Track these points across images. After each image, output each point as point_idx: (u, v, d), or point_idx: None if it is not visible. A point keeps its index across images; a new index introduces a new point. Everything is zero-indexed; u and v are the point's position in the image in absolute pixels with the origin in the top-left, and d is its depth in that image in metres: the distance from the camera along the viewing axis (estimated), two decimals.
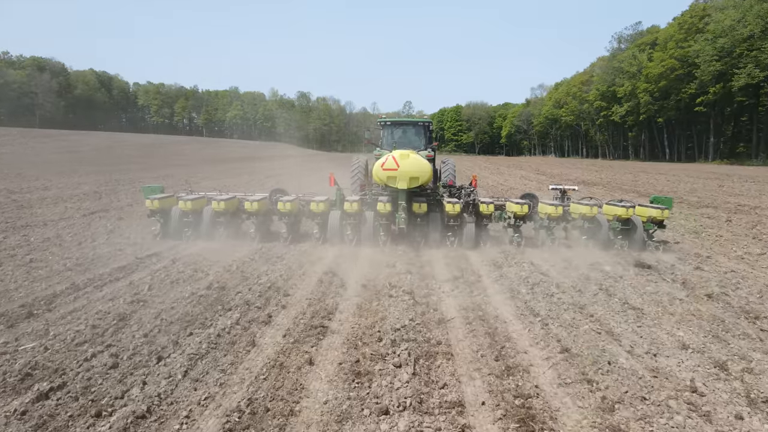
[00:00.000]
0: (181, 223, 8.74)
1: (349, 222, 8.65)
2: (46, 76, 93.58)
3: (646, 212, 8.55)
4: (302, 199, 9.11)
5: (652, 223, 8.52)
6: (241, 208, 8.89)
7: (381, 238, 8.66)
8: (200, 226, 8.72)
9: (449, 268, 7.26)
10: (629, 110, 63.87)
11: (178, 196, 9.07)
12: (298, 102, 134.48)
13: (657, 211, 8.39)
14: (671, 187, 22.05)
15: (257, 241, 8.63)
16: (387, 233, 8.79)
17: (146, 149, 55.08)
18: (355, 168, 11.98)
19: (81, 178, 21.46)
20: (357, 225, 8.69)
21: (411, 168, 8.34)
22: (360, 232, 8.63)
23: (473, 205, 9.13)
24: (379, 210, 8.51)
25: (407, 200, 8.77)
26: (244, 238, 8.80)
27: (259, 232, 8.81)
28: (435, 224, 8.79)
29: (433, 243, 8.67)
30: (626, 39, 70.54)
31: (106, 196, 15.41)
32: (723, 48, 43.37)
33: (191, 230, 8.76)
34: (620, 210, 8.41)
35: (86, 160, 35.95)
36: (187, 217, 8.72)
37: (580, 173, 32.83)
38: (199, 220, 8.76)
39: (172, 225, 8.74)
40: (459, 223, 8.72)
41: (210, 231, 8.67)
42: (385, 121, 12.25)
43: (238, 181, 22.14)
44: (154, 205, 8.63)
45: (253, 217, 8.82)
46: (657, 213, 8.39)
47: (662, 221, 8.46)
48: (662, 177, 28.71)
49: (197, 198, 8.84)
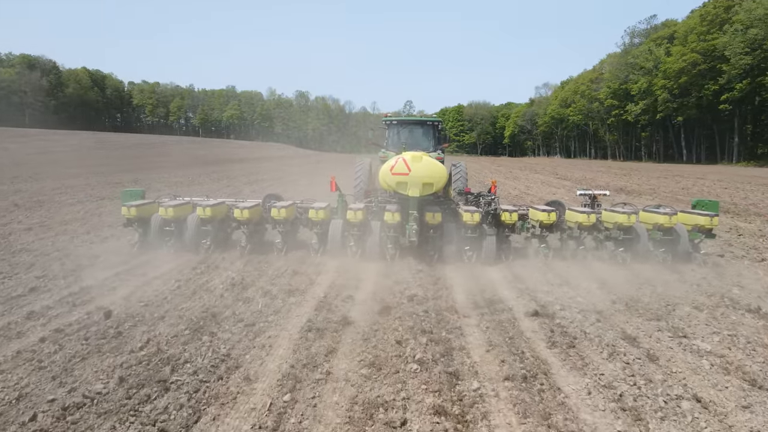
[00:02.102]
0: (161, 233, 7.63)
1: (353, 233, 7.49)
2: (36, 75, 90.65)
3: (692, 219, 7.46)
4: (300, 206, 8.12)
5: (699, 232, 7.36)
6: (230, 216, 7.86)
7: (389, 251, 7.40)
8: (184, 235, 7.59)
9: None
10: (645, 108, 60.69)
11: (159, 202, 8.06)
12: (296, 101, 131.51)
13: (704, 218, 7.29)
14: (729, 195, 18.84)
15: (247, 251, 7.47)
16: (395, 246, 7.49)
17: (128, 150, 51.93)
18: (359, 171, 10.77)
19: (23, 185, 18.31)
20: (361, 236, 7.49)
21: (424, 173, 7.15)
22: (365, 244, 7.43)
23: (494, 215, 7.86)
24: (386, 220, 7.32)
25: (419, 209, 7.58)
26: (233, 249, 7.65)
27: (250, 242, 7.64)
28: (450, 236, 7.46)
29: (448, 258, 7.35)
30: (640, 33, 67.43)
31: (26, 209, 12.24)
32: (755, 39, 40.20)
33: (173, 240, 7.58)
34: (662, 218, 7.19)
35: (59, 161, 32.82)
36: (168, 226, 7.61)
37: (609, 178, 29.55)
38: (183, 229, 7.62)
39: (152, 234, 7.64)
40: (478, 235, 7.40)
41: (195, 241, 7.55)
42: (390, 121, 11.02)
43: (208, 188, 18.89)
44: (131, 213, 7.56)
45: (244, 226, 7.66)
46: (704, 221, 7.28)
47: (711, 230, 7.37)
48: (704, 182, 25.51)
49: (181, 204, 7.70)
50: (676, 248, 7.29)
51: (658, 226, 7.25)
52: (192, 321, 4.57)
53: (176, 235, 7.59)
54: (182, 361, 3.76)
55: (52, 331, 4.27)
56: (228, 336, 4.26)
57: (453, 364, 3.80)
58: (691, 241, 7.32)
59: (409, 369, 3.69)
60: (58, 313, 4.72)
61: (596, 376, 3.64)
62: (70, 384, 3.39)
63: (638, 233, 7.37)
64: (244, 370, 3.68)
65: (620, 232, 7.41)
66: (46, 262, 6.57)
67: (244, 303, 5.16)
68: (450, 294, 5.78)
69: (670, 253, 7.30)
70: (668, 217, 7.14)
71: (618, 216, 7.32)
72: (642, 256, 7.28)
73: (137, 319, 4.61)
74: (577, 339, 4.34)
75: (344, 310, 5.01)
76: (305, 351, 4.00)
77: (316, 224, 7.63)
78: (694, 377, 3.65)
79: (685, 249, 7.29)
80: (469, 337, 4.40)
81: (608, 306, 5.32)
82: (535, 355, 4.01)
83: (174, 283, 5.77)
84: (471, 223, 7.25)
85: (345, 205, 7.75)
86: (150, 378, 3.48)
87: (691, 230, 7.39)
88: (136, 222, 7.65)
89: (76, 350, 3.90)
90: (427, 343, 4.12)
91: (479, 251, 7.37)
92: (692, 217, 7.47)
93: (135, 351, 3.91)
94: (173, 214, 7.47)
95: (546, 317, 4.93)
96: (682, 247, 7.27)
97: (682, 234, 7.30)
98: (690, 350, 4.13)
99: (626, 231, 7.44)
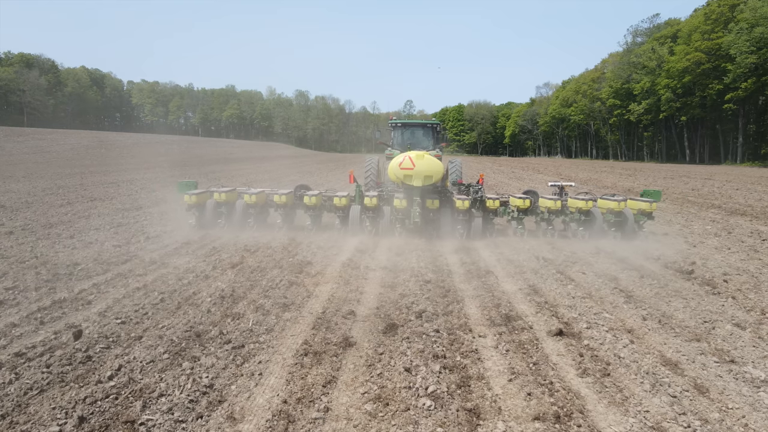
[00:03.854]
0: (215, 214, 9.57)
1: (369, 215, 9.40)
2: (34, 74, 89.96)
3: (637, 205, 9.10)
4: (325, 195, 9.94)
5: (642, 215, 9.01)
6: (269, 202, 9.80)
7: (397, 230, 9.29)
8: (233, 217, 9.60)
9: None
10: (647, 108, 60.05)
11: (210, 190, 9.86)
12: (296, 101, 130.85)
13: (646, 204, 8.98)
14: (743, 197, 18.27)
15: (285, 230, 9.38)
16: (403, 226, 9.31)
17: (127, 149, 51.38)
18: (369, 167, 12.57)
19: (15, 185, 17.77)
20: (375, 218, 9.46)
21: (426, 167, 8.82)
22: (378, 225, 9.45)
23: (481, 201, 9.54)
24: (395, 205, 9.09)
25: (421, 197, 9.28)
26: (271, 228, 9.50)
27: (285, 222, 9.62)
28: (446, 218, 9.56)
29: (444, 235, 9.32)
30: (643, 33, 66.71)
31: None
32: (761, 38, 39.58)
33: (224, 219, 9.56)
34: (613, 204, 8.96)
35: (54, 161, 32.30)
36: (221, 208, 9.56)
37: (614, 178, 28.92)
38: (232, 211, 9.64)
39: (207, 216, 9.54)
40: (467, 218, 9.25)
41: (241, 221, 9.54)
42: (396, 123, 12.56)
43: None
44: (192, 200, 9.24)
45: (281, 209, 9.60)
46: (646, 206, 8.97)
47: (651, 213, 9.01)
48: (713, 182, 24.92)
49: (230, 191, 9.70)
50: (624, 227, 9.04)
51: (611, 210, 8.97)
52: (173, 342, 4.03)
53: (227, 216, 9.53)
54: (157, 394, 3.22)
55: (11, 355, 3.74)
56: (212, 361, 3.73)
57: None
58: (637, 222, 9.04)
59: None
60: (22, 333, 4.19)
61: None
62: (20, 425, 2.86)
63: (595, 216, 9.18)
64: (229, 405, 3.15)
65: (581, 215, 9.20)
66: (20, 271, 6.03)
67: (233, 320, 4.62)
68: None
69: (620, 231, 9.06)
70: (618, 203, 8.85)
71: (579, 202, 9.12)
72: (598, 233, 9.09)
73: (111, 340, 4.07)
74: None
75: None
76: (300, 381, 3.46)
77: (339, 209, 9.49)
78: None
79: (631, 228, 8.98)
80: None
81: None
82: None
83: (157, 295, 5.23)
84: (462, 208, 9.04)
85: (362, 193, 9.47)
86: (116, 417, 2.95)
87: (636, 213, 9.03)
88: (194, 207, 9.31)
89: (34, 380, 3.37)
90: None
91: (468, 230, 9.24)
92: (637, 204, 9.05)
93: (103, 381, 3.37)
94: (225, 198, 9.40)
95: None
96: (629, 226, 8.99)
97: (629, 216, 9.00)
98: None
99: (586, 214, 9.21)
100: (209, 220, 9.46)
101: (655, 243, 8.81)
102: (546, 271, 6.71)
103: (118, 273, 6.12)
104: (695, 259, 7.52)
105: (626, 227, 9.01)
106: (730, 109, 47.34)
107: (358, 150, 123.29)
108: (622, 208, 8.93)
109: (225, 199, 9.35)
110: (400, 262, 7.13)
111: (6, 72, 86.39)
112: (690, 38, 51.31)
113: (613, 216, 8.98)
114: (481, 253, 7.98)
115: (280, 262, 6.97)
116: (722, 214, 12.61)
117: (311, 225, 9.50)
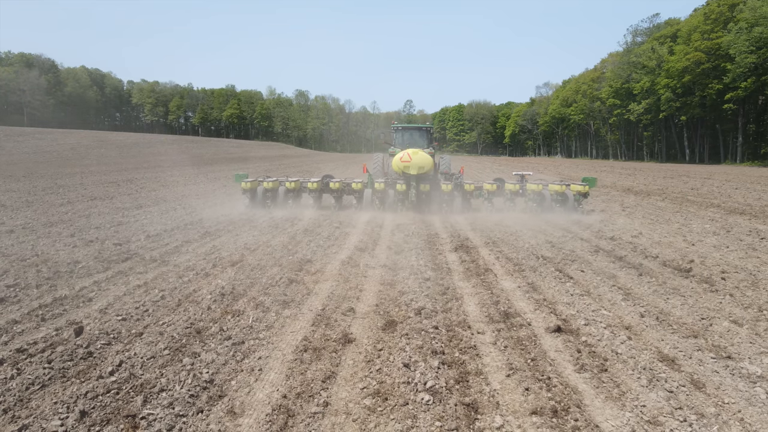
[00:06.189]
0: (264, 197, 12.50)
1: (378, 196, 12.42)
2: (34, 73, 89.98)
3: (576, 188, 11.98)
4: (344, 182, 12.97)
5: (580, 195, 11.94)
6: (303, 188, 12.60)
7: (399, 207, 12.39)
8: (276, 199, 12.56)
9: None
10: (647, 108, 60.04)
11: (260, 179, 12.61)
12: (296, 101, 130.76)
13: (582, 187, 11.86)
14: (742, 196, 18.25)
15: (315, 209, 12.30)
16: (403, 204, 12.40)
17: (126, 149, 51.35)
18: (376, 161, 15.36)
19: (15, 184, 17.77)
20: (383, 198, 12.45)
21: (419, 161, 11.87)
22: (384, 203, 12.44)
23: (460, 186, 12.67)
24: (397, 189, 12.28)
25: (417, 182, 12.34)
26: (305, 207, 12.38)
27: (316, 203, 12.54)
28: (435, 198, 12.59)
29: (434, 211, 12.44)
30: (643, 32, 66.69)
31: None
32: (760, 38, 39.57)
33: (271, 202, 12.49)
34: (558, 187, 12.03)
35: (54, 161, 32.29)
36: (267, 193, 12.46)
37: (614, 177, 28.89)
38: (275, 195, 12.58)
39: (258, 198, 12.47)
40: (450, 198, 12.42)
41: (283, 202, 12.55)
42: (397, 126, 15.90)
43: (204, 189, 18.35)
44: (247, 186, 12.09)
45: (313, 193, 12.44)
46: (582, 188, 11.86)
47: (586, 193, 11.90)
48: (712, 182, 24.89)
49: (274, 180, 12.50)
50: (566, 204, 12.07)
51: (557, 192, 12.01)
52: (173, 339, 4.06)
53: (272, 198, 12.46)
54: (157, 389, 3.25)
55: (12, 351, 3.76)
56: (212, 357, 3.75)
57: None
58: (576, 201, 12.02)
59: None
60: (23, 329, 4.21)
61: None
62: (22, 419, 2.89)
63: (545, 196, 12.19)
64: (229, 400, 3.17)
65: (535, 196, 12.12)
66: (21, 269, 6.05)
67: (233, 316, 4.65)
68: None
69: (563, 208, 12.02)
70: (561, 186, 11.99)
71: (534, 186, 12.07)
72: (547, 210, 12.05)
73: (112, 337, 4.10)
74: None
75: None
76: (299, 377, 3.49)
77: (356, 192, 12.63)
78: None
79: (572, 206, 12.04)
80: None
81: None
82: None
83: (157, 293, 5.25)
84: (446, 191, 12.20)
85: (372, 180, 12.61)
86: (117, 411, 2.97)
87: (575, 195, 11.99)
88: (248, 192, 12.11)
89: (36, 375, 3.39)
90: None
91: (451, 207, 12.42)
92: (576, 187, 11.95)
93: (104, 377, 3.39)
94: (271, 186, 12.29)
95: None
96: (570, 204, 12.08)
97: (570, 196, 12.12)
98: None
99: (538, 195, 12.12)
100: (259, 201, 12.31)
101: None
102: (545, 269, 6.74)
103: (119, 271, 6.15)
104: (694, 257, 7.54)
105: (567, 204, 12.04)
106: (730, 109, 47.31)
107: (358, 150, 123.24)
108: (564, 190, 11.98)
109: (271, 186, 12.21)
110: (399, 261, 7.13)
111: (6, 72, 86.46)
112: (690, 38, 51.30)
113: (557, 196, 12.03)
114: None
115: (280, 260, 6.99)
116: (721, 213, 12.63)
117: (335, 204, 12.48)
